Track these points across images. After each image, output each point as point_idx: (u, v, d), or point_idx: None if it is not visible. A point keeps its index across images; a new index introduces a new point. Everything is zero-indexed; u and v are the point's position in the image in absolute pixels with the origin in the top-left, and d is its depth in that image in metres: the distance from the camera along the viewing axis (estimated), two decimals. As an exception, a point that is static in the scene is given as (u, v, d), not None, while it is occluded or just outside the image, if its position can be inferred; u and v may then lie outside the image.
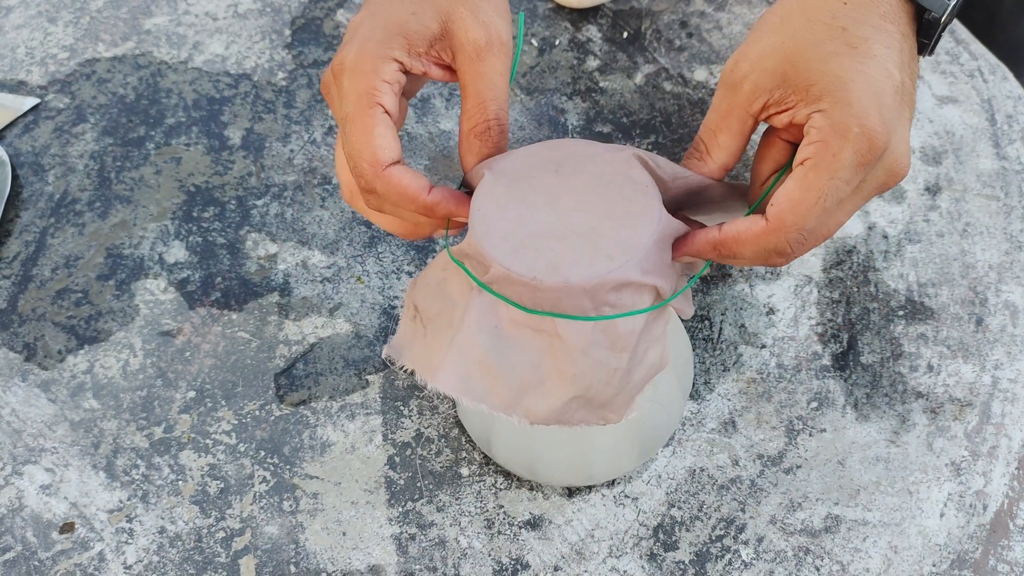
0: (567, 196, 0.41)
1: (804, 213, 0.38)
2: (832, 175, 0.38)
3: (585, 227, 0.40)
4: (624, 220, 0.40)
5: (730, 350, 0.53)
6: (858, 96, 0.38)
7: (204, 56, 0.65)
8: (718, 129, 0.42)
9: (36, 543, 0.48)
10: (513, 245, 0.40)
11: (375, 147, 0.40)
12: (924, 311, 0.54)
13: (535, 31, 0.66)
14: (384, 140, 0.40)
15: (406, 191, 0.40)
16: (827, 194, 0.38)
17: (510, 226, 0.40)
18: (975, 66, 0.63)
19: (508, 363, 0.40)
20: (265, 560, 0.48)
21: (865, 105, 0.38)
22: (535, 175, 0.41)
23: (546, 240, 0.40)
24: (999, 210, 0.57)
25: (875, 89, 0.38)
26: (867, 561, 0.47)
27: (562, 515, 0.48)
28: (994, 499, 0.48)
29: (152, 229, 0.58)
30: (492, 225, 0.40)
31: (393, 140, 0.40)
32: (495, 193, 0.41)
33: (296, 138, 0.62)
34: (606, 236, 0.40)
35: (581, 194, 0.41)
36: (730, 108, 0.42)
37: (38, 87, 0.64)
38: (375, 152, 0.40)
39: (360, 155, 0.40)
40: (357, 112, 0.40)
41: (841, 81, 0.38)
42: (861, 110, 0.38)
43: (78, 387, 0.53)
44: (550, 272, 0.39)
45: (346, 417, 0.52)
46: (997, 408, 0.51)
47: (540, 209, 0.41)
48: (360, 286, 0.56)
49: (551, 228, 0.40)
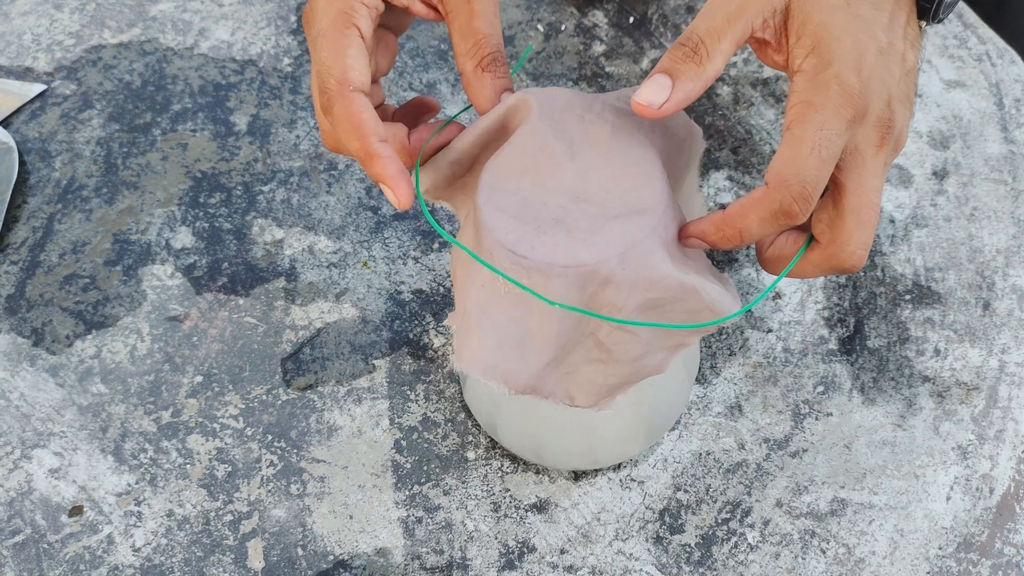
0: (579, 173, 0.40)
1: (800, 164, 0.38)
2: (819, 127, 0.38)
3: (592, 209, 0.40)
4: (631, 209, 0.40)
5: (736, 334, 0.53)
6: (840, 55, 0.38)
7: (210, 42, 0.65)
8: (723, 33, 0.39)
9: (45, 526, 0.49)
10: (518, 225, 0.39)
11: (346, 66, 0.38)
12: (931, 295, 0.54)
13: (541, 16, 0.66)
14: (356, 62, 0.38)
15: (359, 125, 0.38)
16: (818, 144, 0.38)
17: (517, 204, 0.40)
18: (983, 50, 0.63)
19: (489, 320, 0.39)
20: (273, 543, 0.48)
21: (846, 63, 0.38)
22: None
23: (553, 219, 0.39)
24: (1007, 194, 0.57)
25: (858, 49, 0.38)
26: (873, 544, 0.47)
27: (568, 498, 0.49)
28: (1000, 482, 0.48)
29: (159, 215, 0.59)
30: (500, 202, 0.40)
31: (365, 66, 0.39)
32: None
33: (302, 124, 0.62)
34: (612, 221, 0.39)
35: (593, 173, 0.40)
36: (739, 12, 0.39)
37: (44, 73, 0.64)
38: (345, 71, 0.38)
39: (329, 71, 0.38)
40: (331, 30, 0.38)
41: (825, 34, 0.38)
42: (840, 69, 0.38)
43: (86, 372, 0.53)
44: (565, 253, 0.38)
45: (353, 401, 0.52)
46: (1004, 392, 0.51)
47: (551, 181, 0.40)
48: (366, 271, 0.56)
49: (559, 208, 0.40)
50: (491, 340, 0.39)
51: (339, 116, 0.38)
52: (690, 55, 0.39)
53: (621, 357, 0.40)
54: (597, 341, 0.40)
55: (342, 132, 0.39)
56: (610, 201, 0.39)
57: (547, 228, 0.39)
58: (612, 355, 0.40)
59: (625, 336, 0.39)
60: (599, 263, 0.38)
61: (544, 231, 0.39)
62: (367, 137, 0.38)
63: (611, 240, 0.39)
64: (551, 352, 0.39)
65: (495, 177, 0.40)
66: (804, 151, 0.38)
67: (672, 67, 0.39)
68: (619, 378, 0.40)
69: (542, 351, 0.39)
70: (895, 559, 0.46)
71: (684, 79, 0.39)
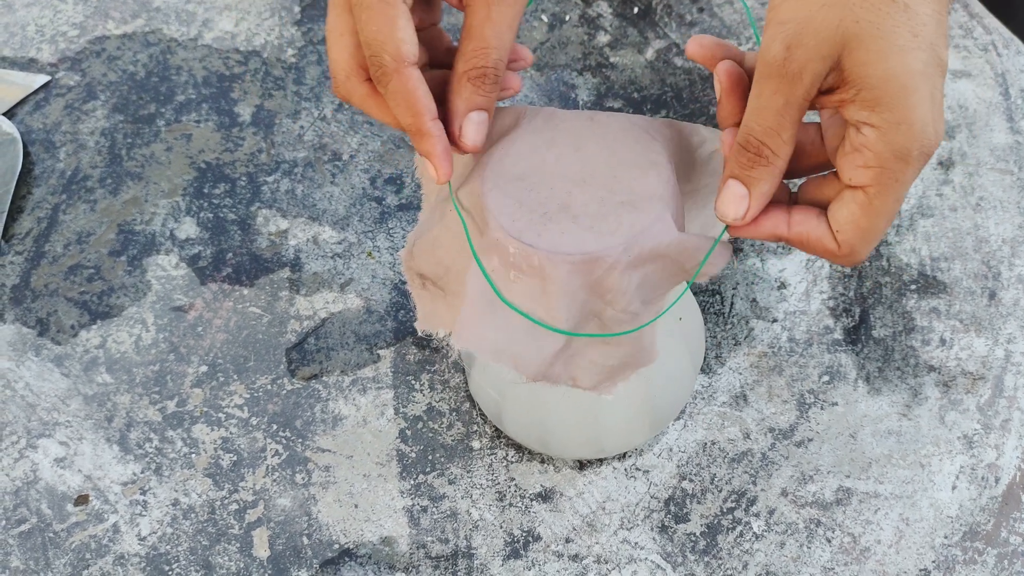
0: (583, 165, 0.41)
1: (875, 238, 0.37)
2: (897, 198, 0.36)
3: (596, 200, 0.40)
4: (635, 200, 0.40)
5: (741, 324, 0.53)
6: (918, 112, 0.35)
7: (214, 33, 0.65)
8: (780, 128, 0.37)
9: (51, 515, 0.49)
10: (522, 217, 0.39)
11: (398, 39, 0.38)
12: (937, 285, 0.54)
13: (545, 7, 0.66)
14: (406, 34, 0.38)
15: (414, 103, 0.38)
16: (893, 212, 0.37)
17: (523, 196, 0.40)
18: (989, 40, 0.63)
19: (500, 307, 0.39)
20: (278, 532, 0.48)
21: (924, 120, 0.35)
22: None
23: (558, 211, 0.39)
24: (1013, 184, 0.57)
25: (930, 91, 0.35)
26: (878, 533, 0.47)
27: (573, 487, 0.49)
28: (1006, 472, 0.48)
29: (163, 206, 0.59)
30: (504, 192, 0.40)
31: (414, 36, 0.39)
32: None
33: (306, 115, 0.62)
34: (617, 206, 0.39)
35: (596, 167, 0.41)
36: (788, 103, 0.36)
37: (48, 65, 0.64)
38: (399, 46, 0.38)
39: (383, 47, 0.38)
40: (376, 1, 0.38)
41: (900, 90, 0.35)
42: (921, 128, 0.35)
43: (91, 362, 0.53)
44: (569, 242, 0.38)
45: (358, 391, 0.52)
46: (1010, 381, 0.51)
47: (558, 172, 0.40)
48: (371, 261, 0.56)
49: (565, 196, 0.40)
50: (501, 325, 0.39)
51: (394, 91, 0.39)
52: (755, 160, 0.37)
53: (624, 338, 0.40)
54: (601, 324, 0.40)
55: (396, 106, 0.39)
56: (616, 185, 0.39)
57: (553, 215, 0.39)
58: (616, 336, 0.40)
59: (627, 317, 0.39)
60: (606, 251, 0.38)
61: (550, 218, 0.39)
62: (421, 115, 0.39)
63: (618, 228, 0.39)
64: (562, 338, 0.39)
65: (500, 163, 0.40)
66: (880, 225, 0.37)
67: (742, 174, 0.38)
68: (621, 358, 0.41)
69: (554, 337, 0.39)
70: (900, 548, 0.46)
71: (758, 184, 0.38)
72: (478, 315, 0.39)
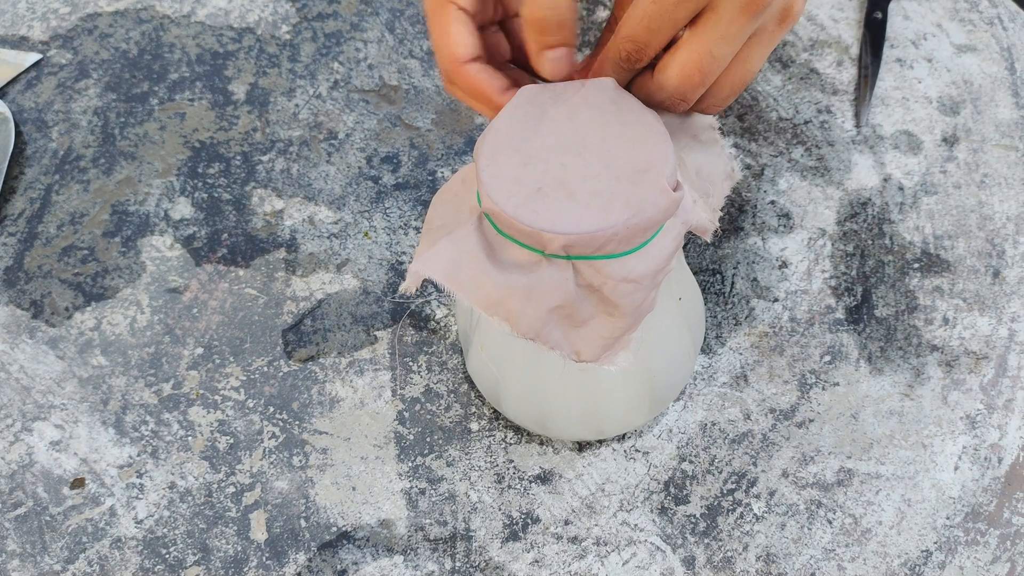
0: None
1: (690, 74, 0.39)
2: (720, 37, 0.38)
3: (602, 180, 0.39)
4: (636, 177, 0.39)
5: (742, 304, 0.52)
6: None
7: (207, 10, 0.64)
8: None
9: (47, 498, 0.48)
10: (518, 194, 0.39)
11: (451, 44, 0.42)
12: (940, 263, 0.53)
13: (543, -19, 0.65)
14: (459, 37, 0.42)
15: (483, 91, 0.42)
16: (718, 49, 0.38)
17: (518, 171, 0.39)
18: (994, 14, 0.62)
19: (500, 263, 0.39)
20: (275, 514, 0.48)
21: None
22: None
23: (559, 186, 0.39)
24: (1018, 161, 0.56)
25: None
26: (880, 514, 0.46)
27: (572, 469, 0.48)
28: (1009, 452, 0.48)
29: (157, 185, 0.58)
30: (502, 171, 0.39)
31: (468, 36, 0.42)
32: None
33: (301, 92, 0.61)
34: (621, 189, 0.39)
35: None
36: None
37: (40, 43, 0.64)
38: (452, 50, 0.42)
39: (440, 51, 0.42)
40: (432, 10, 0.42)
41: None
42: None
43: (86, 344, 0.53)
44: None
45: (355, 373, 0.51)
46: (1013, 361, 0.50)
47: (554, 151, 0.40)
48: (367, 242, 0.55)
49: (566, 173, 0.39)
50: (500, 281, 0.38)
51: (462, 89, 0.43)
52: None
53: (627, 308, 0.40)
54: (603, 297, 0.39)
55: (469, 102, 0.43)
56: (613, 158, 0.39)
57: (549, 191, 0.38)
58: (619, 308, 0.40)
59: (630, 287, 0.39)
60: (604, 229, 0.38)
61: (546, 194, 0.38)
62: (491, 99, 0.42)
63: (618, 205, 0.38)
64: (557, 299, 0.39)
65: (494, 141, 0.40)
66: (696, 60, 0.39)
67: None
68: (622, 329, 0.40)
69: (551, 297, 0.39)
70: (902, 529, 0.46)
71: None
72: (478, 266, 0.39)
